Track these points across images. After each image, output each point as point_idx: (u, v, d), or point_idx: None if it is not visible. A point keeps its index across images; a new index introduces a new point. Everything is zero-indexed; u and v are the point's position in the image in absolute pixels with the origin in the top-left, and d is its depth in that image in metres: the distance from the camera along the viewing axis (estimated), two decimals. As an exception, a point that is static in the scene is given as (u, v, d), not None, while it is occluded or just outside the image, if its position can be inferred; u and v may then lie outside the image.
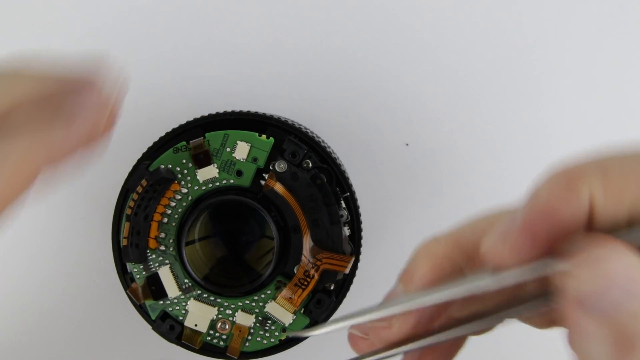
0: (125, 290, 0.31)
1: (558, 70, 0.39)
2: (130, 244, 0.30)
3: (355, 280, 0.32)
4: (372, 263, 0.38)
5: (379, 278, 0.38)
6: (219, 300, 0.31)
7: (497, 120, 0.40)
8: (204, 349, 0.31)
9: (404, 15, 0.39)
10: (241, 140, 0.31)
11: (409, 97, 0.40)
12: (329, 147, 0.33)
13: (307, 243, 0.31)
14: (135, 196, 0.29)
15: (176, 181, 0.30)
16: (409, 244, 0.39)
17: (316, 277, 0.30)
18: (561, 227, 0.19)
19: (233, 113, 0.31)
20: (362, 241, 0.33)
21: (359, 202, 0.32)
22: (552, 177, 0.19)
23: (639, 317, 0.16)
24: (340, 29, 0.39)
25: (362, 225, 0.33)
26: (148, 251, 0.31)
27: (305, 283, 0.30)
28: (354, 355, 0.21)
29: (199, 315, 0.31)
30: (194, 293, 0.31)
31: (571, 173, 0.19)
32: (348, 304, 0.32)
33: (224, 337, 0.31)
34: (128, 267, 0.31)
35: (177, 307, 0.31)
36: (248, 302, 0.31)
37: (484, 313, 0.21)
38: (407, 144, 0.40)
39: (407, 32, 0.39)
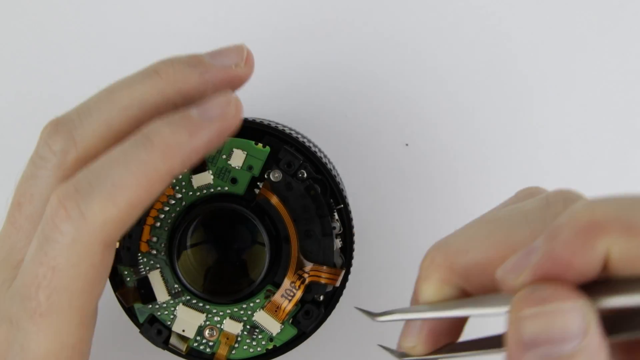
0: (114, 292, 0.31)
1: (558, 70, 0.39)
2: (122, 247, 0.30)
3: (352, 283, 0.32)
4: (371, 264, 0.38)
5: (376, 280, 0.38)
6: (207, 306, 0.31)
7: (497, 120, 0.39)
8: (190, 355, 0.31)
9: (404, 15, 0.39)
10: (237, 148, 0.30)
11: (408, 97, 0.40)
12: (325, 156, 0.33)
13: (297, 254, 0.31)
14: None
15: (170, 186, 0.30)
16: (409, 244, 0.39)
17: (301, 289, 0.30)
18: (572, 275, 0.19)
19: None
20: (362, 242, 0.33)
21: (359, 202, 0.32)
22: (572, 226, 0.19)
23: None
24: (339, 29, 0.39)
25: (361, 226, 0.32)
26: (139, 254, 0.31)
27: (292, 294, 0.31)
28: None
29: (187, 320, 0.31)
30: (183, 298, 0.31)
31: (591, 227, 0.19)
32: (339, 314, 0.32)
33: (211, 344, 0.31)
34: (118, 269, 0.31)
35: (166, 312, 0.31)
36: (237, 309, 0.31)
37: None
38: (406, 144, 0.40)
39: (407, 32, 0.39)
